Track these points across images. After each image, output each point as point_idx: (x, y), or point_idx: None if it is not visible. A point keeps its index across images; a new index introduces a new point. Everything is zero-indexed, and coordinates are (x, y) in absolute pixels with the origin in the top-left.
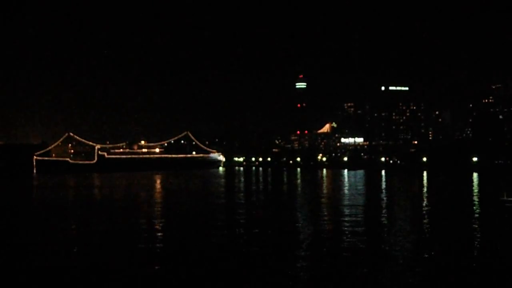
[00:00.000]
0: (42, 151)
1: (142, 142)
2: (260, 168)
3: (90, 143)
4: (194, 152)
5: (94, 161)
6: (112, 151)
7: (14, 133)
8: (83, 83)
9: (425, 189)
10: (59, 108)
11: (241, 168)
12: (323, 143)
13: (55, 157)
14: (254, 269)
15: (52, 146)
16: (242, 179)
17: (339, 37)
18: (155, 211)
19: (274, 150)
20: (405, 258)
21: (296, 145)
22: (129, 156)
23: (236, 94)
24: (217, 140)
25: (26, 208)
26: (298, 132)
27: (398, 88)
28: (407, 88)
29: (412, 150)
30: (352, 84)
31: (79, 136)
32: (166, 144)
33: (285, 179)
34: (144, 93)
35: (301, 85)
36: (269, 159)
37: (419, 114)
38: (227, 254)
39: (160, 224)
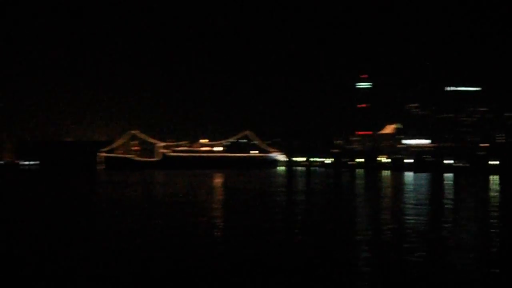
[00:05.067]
0: (106, 148)
1: (204, 140)
2: (321, 169)
3: (153, 141)
4: (254, 152)
5: (157, 158)
6: (174, 149)
7: (83, 130)
8: (148, 82)
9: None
10: (125, 106)
11: (302, 168)
12: (386, 144)
13: (119, 154)
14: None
15: (116, 143)
16: (302, 179)
17: (404, 35)
18: (214, 208)
19: (334, 150)
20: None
21: (357, 146)
22: (191, 154)
23: (297, 94)
24: (277, 140)
25: (92, 203)
26: (359, 132)
27: (466, 88)
28: (475, 89)
29: (481, 153)
30: (417, 85)
31: (143, 134)
32: (227, 143)
33: (346, 180)
34: (207, 92)
35: (363, 85)
36: (329, 159)
37: (488, 115)
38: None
39: (219, 222)
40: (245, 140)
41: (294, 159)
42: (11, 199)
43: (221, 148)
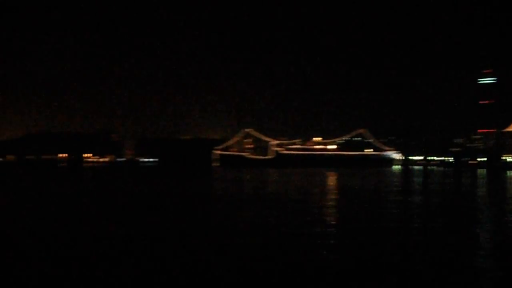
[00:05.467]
0: (221, 146)
1: (317, 138)
2: (439, 168)
3: (267, 139)
4: (368, 150)
5: (270, 156)
6: (287, 147)
7: (199, 128)
8: (262, 82)
9: None
10: (240, 104)
11: (418, 167)
12: (511, 142)
13: (233, 152)
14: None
15: (231, 141)
16: (419, 178)
17: None
18: (327, 206)
19: (454, 149)
20: None
21: (479, 144)
22: (304, 152)
23: (414, 91)
24: (392, 138)
25: (208, 199)
26: (481, 130)
27: None
28: None
29: None
30: None
31: (257, 132)
32: (341, 141)
33: (467, 180)
34: (320, 91)
35: (486, 80)
36: (448, 158)
37: None
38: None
39: (331, 220)
40: (359, 138)
41: (411, 157)
42: (130, 195)
43: (334, 146)
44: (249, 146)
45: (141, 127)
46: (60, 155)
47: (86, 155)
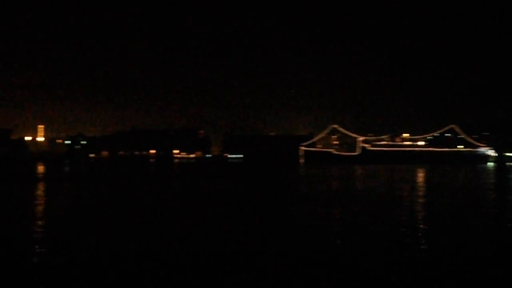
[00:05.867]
0: (307, 142)
1: (406, 134)
2: None
3: (354, 135)
4: (460, 146)
5: (357, 153)
6: (374, 143)
7: (285, 124)
8: (348, 74)
9: None
10: (327, 100)
11: None
12: None
13: (320, 148)
14: None
15: (317, 137)
16: None
17: None
18: (417, 205)
19: None
20: None
21: None
22: (392, 148)
23: (508, 84)
24: (486, 134)
25: (294, 196)
26: None
27: None
28: None
29: None
30: None
31: (343, 128)
32: (430, 137)
33: None
34: (407, 87)
35: None
36: None
37: None
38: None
39: (421, 219)
40: (450, 134)
41: (507, 154)
42: (220, 191)
43: (423, 143)
44: (335, 142)
45: (228, 123)
46: (150, 151)
47: (174, 151)
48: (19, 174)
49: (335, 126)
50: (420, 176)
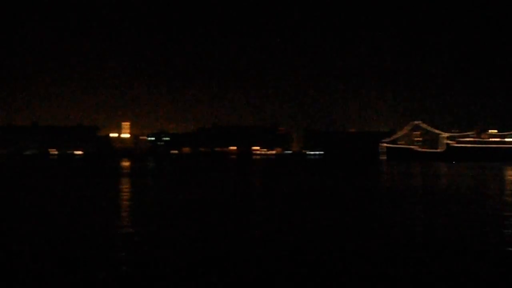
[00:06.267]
0: (389, 139)
1: (493, 131)
2: None
3: (437, 131)
4: None
5: (441, 149)
6: (459, 139)
7: (366, 121)
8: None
9: None
10: (410, 96)
11: None
12: None
13: (401, 144)
14: None
15: (399, 134)
16: None
17: None
18: (504, 205)
19: None
20: None
21: None
22: (478, 145)
23: None
24: None
25: (376, 193)
26: None
27: None
28: None
29: None
30: None
31: (427, 124)
32: None
33: None
34: (490, 81)
35: None
36: None
37: None
38: None
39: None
40: None
41: None
42: (295, 187)
43: None
44: (418, 138)
45: (308, 119)
46: (230, 148)
47: (254, 147)
48: (106, 170)
49: (418, 122)
50: (509, 174)
